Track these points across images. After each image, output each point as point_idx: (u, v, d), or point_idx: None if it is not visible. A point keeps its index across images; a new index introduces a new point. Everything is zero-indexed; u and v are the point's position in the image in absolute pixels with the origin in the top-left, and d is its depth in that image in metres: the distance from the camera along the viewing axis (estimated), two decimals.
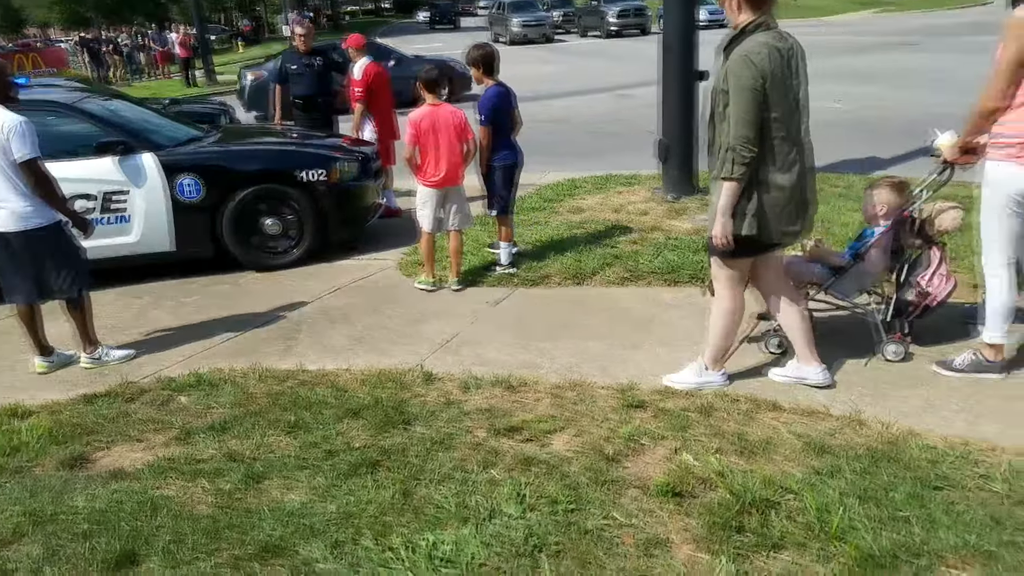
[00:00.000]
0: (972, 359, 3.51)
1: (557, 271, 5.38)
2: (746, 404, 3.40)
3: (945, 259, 3.67)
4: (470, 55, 5.30)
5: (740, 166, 3.04)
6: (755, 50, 3.00)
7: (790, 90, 3.08)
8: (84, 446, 3.51)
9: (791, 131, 3.10)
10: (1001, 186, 3.22)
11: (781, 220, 3.17)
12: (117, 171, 5.77)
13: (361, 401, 3.68)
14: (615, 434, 3.22)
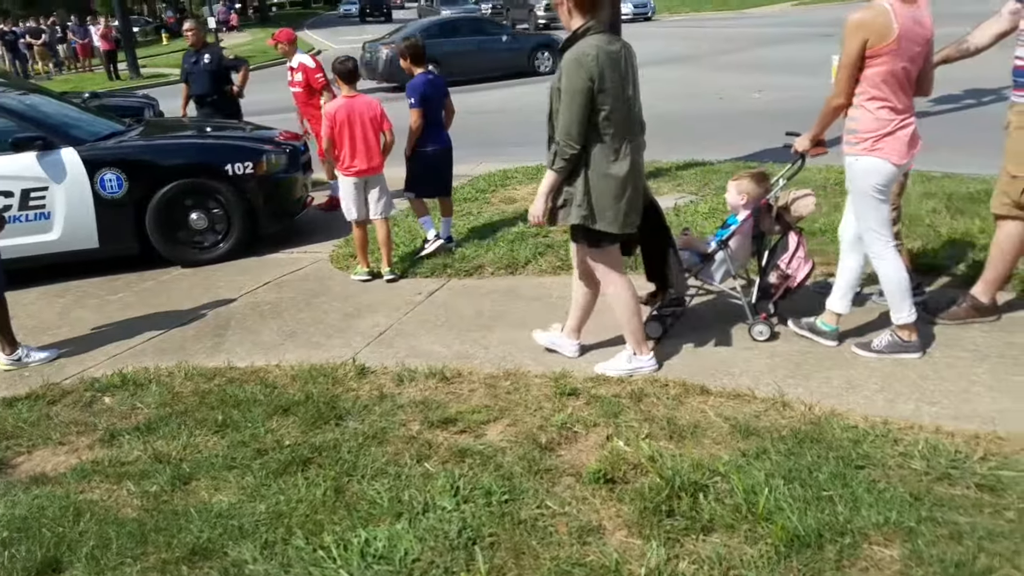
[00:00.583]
0: (890, 340, 3.64)
1: (490, 261, 5.40)
2: (676, 389, 3.47)
3: (803, 243, 3.87)
4: (398, 47, 5.54)
5: (562, 160, 3.28)
6: (586, 52, 3.20)
7: (622, 90, 3.29)
8: (4, 451, 3.39)
9: (622, 128, 3.32)
10: (863, 178, 3.42)
11: (619, 209, 3.37)
12: (36, 167, 5.55)
13: (292, 398, 3.63)
14: (549, 422, 3.24)
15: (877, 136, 3.35)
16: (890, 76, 3.28)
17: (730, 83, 13.75)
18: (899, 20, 3.21)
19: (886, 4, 3.22)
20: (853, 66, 3.30)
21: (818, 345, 3.79)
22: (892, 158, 3.36)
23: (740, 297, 3.98)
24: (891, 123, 3.34)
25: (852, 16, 3.28)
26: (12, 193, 5.52)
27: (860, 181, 3.44)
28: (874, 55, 3.24)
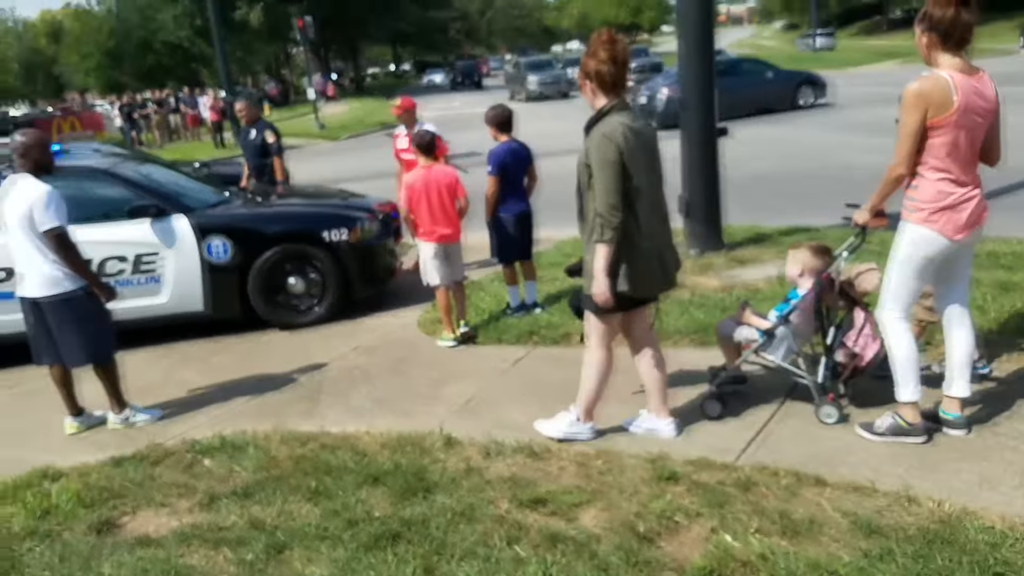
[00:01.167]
0: (891, 423, 3.48)
1: (578, 329, 5.31)
2: (787, 478, 3.25)
3: (870, 320, 3.72)
4: (487, 115, 5.70)
5: (610, 230, 3.37)
6: (612, 129, 3.38)
7: (647, 164, 3.46)
8: (111, 510, 3.53)
9: (650, 199, 3.48)
10: (917, 247, 3.35)
11: (650, 277, 3.53)
12: (150, 233, 5.91)
13: (382, 466, 3.66)
14: (647, 509, 3.10)
15: (935, 208, 3.26)
16: (951, 148, 3.20)
17: (834, 144, 13.40)
18: (960, 92, 3.13)
19: (946, 75, 3.15)
20: (914, 137, 3.21)
21: (945, 433, 3.52)
22: (947, 232, 3.27)
23: (805, 376, 3.80)
24: (951, 196, 3.25)
25: (911, 86, 3.21)
26: (126, 258, 5.88)
27: (907, 248, 3.37)
28: (934, 126, 3.18)
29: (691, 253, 6.94)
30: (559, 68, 37.08)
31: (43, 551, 3.20)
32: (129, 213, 5.92)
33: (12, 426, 4.87)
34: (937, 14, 3.13)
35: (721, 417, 3.86)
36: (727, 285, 5.94)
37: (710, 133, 6.92)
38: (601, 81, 3.44)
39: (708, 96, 6.89)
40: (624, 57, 3.47)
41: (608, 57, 3.42)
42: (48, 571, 3.02)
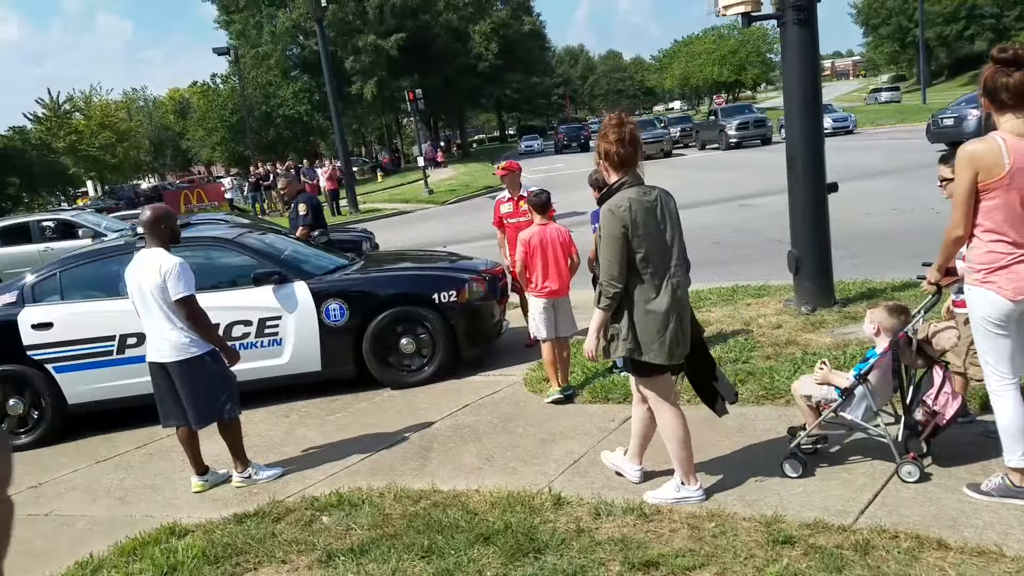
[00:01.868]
0: (999, 483, 3.40)
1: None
2: (907, 542, 3.12)
3: (949, 378, 3.72)
4: (592, 177, 5.72)
5: (606, 299, 3.62)
6: (619, 204, 3.60)
7: (657, 234, 3.64)
8: (234, 567, 3.69)
9: (661, 267, 3.64)
10: (981, 309, 3.33)
11: (664, 341, 3.62)
12: (272, 299, 6.28)
13: (492, 525, 3.68)
14: (762, 574, 3.02)
15: (990, 269, 3.27)
16: (1004, 209, 3.20)
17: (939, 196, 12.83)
18: (1012, 155, 3.14)
19: (999, 138, 3.19)
20: (967, 199, 3.24)
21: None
22: (1006, 293, 3.24)
23: (884, 435, 3.75)
24: (1006, 257, 3.24)
25: (963, 148, 3.27)
26: (251, 322, 6.26)
27: (975, 312, 3.37)
28: (986, 189, 3.20)
29: (802, 310, 6.74)
30: (660, 127, 37.19)
31: None
32: (254, 280, 6.32)
33: (141, 484, 5.19)
34: (989, 81, 3.20)
35: (803, 476, 3.83)
36: (840, 342, 5.71)
37: (820, 189, 6.78)
38: (611, 160, 3.70)
39: (817, 152, 6.78)
40: (632, 137, 3.69)
41: (616, 139, 3.66)
42: None
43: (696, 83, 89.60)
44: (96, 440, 6.19)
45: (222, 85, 49.77)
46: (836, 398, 3.81)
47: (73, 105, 49.76)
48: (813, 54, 6.80)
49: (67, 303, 6.29)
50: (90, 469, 5.59)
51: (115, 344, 6.14)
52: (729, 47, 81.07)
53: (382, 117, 56.69)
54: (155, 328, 4.66)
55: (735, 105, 45.26)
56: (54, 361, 6.14)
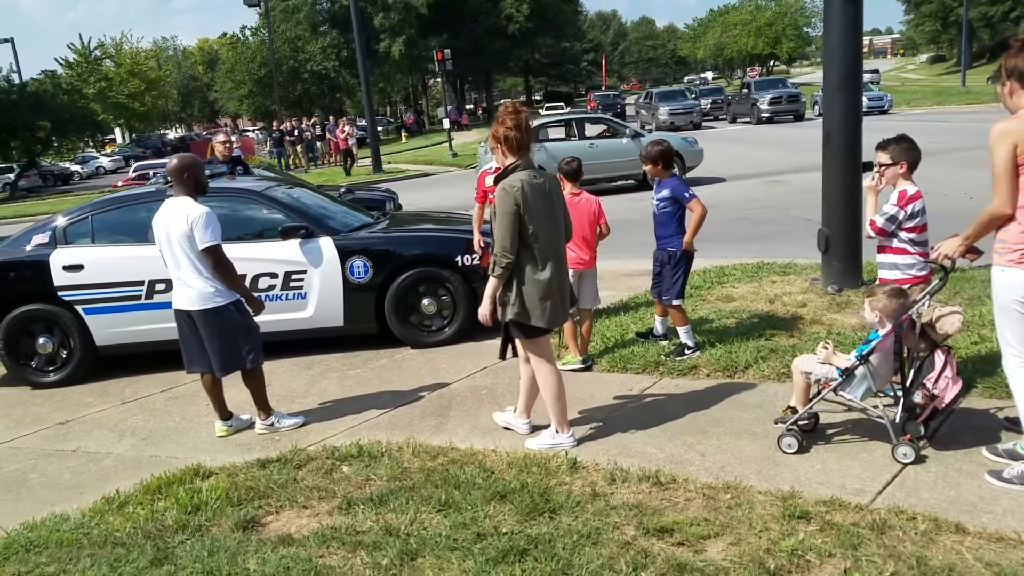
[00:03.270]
0: (1022, 470, 3.39)
1: (706, 362, 5.28)
2: (925, 524, 3.12)
3: (951, 362, 3.74)
4: (650, 152, 5.48)
5: (500, 268, 4.01)
6: (512, 184, 3.99)
7: (545, 212, 4.05)
8: (256, 509, 3.78)
9: (546, 242, 4.06)
10: (1007, 291, 3.31)
11: (546, 308, 4.09)
12: (299, 253, 6.32)
13: (508, 485, 3.74)
14: (777, 546, 3.03)
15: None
16: None
17: (975, 182, 12.60)
18: None
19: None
20: (1009, 174, 3.18)
21: None
22: None
23: (882, 416, 3.81)
24: None
25: (996, 125, 3.22)
26: (277, 275, 6.32)
27: (1003, 294, 3.34)
28: (1022, 164, 3.16)
29: (829, 290, 6.69)
30: (691, 98, 36.61)
31: (193, 544, 3.47)
32: (281, 234, 6.36)
33: (166, 427, 5.30)
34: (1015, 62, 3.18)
35: (799, 452, 3.89)
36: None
37: (854, 168, 6.67)
38: (508, 144, 4.07)
39: (854, 130, 6.67)
40: (526, 124, 4.09)
41: (513, 125, 4.06)
42: (198, 563, 3.25)
43: (730, 54, 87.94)
44: (122, 382, 6.32)
45: (251, 38, 49.57)
46: (836, 377, 3.85)
47: (103, 52, 49.92)
48: (856, 29, 6.66)
49: (98, 246, 6.39)
50: (116, 409, 5.72)
51: (144, 289, 6.24)
52: (766, 19, 79.35)
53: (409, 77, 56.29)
54: (181, 276, 4.71)
55: (769, 79, 44.46)
56: (84, 303, 6.26)
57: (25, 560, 3.46)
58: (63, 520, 3.85)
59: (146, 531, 3.63)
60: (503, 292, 4.10)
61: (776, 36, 79.32)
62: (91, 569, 3.26)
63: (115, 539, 3.58)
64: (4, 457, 5.02)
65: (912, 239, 4.20)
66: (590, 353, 5.69)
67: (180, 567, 3.24)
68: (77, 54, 48.39)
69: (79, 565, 3.31)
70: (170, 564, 3.29)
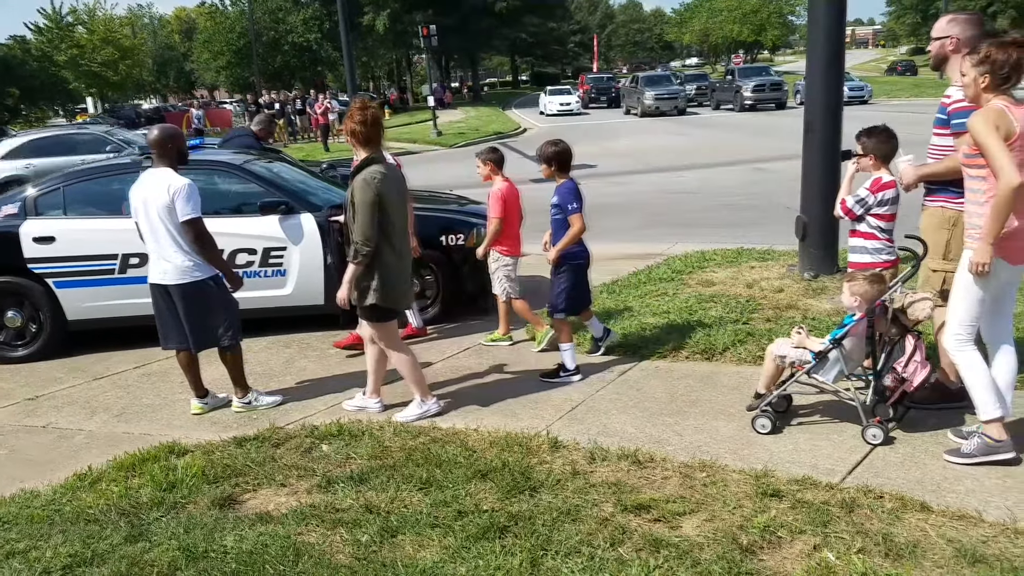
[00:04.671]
0: (979, 442, 3.54)
1: (686, 345, 5.32)
2: (891, 502, 3.21)
3: (920, 347, 3.85)
4: (544, 151, 5.08)
5: (361, 256, 4.25)
6: (372, 176, 4.24)
7: (399, 203, 4.37)
8: (233, 487, 3.76)
9: (399, 231, 4.37)
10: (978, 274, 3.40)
11: (397, 291, 4.41)
12: (278, 229, 6.23)
13: (489, 463, 3.75)
14: (750, 523, 3.10)
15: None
16: None
17: None
18: (1018, 120, 3.25)
19: (1002, 105, 3.28)
20: (1005, 149, 3.21)
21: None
22: (1010, 258, 3.39)
23: (853, 399, 3.92)
24: (1014, 224, 3.33)
25: (976, 114, 3.32)
26: (256, 251, 6.23)
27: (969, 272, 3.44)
28: None
29: (805, 276, 6.75)
30: (677, 83, 36.59)
31: (168, 521, 3.43)
32: (260, 209, 6.26)
33: (140, 403, 5.23)
34: (1001, 57, 3.26)
35: (772, 433, 3.98)
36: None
37: (834, 156, 6.71)
38: (358, 138, 4.32)
39: (835, 118, 6.70)
40: (374, 119, 4.35)
41: (361, 120, 4.30)
42: (174, 540, 3.22)
43: (715, 40, 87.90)
44: (93, 358, 6.23)
45: (231, 7, 48.67)
46: (810, 360, 3.95)
47: (76, 18, 48.63)
48: (840, 18, 6.68)
49: (70, 219, 6.24)
50: (88, 385, 5.64)
51: (117, 263, 6.12)
52: (751, 5, 79.31)
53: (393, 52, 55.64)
54: (159, 249, 4.64)
55: (753, 66, 44.55)
56: (55, 276, 6.12)
57: None
58: (33, 496, 3.80)
59: (120, 508, 3.59)
60: (363, 278, 4.31)
61: (761, 23, 79.37)
62: (63, 545, 3.22)
63: (88, 516, 3.54)
64: None
65: (880, 226, 4.27)
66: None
67: (155, 544, 3.21)
68: (48, 19, 47.15)
69: (51, 541, 3.27)
70: (145, 541, 3.25)
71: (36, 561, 3.11)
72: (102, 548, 3.20)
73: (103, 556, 3.13)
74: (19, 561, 3.12)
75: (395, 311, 4.53)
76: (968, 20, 3.85)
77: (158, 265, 4.68)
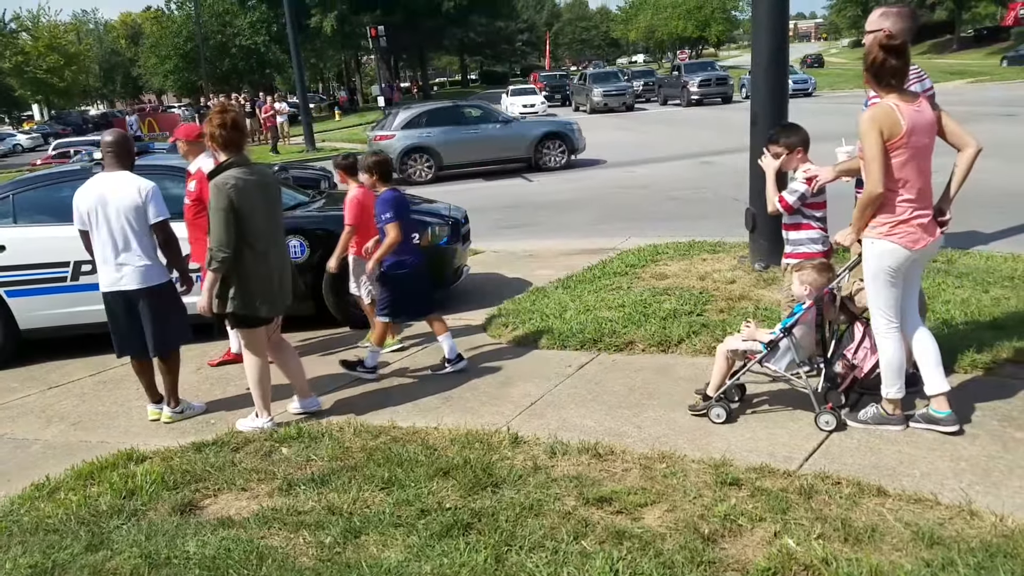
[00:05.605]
0: (874, 412, 3.86)
1: (641, 338, 5.41)
2: (849, 488, 3.28)
3: (869, 334, 3.95)
4: (365, 162, 5.32)
5: (217, 262, 4.16)
6: (225, 181, 4.15)
7: (262, 209, 4.26)
8: (194, 492, 3.72)
9: (264, 236, 4.27)
10: (882, 260, 3.64)
11: (265, 300, 4.32)
12: None
13: (451, 461, 3.77)
14: (710, 512, 3.16)
15: (895, 222, 3.59)
16: (906, 168, 3.52)
17: None
18: (905, 116, 3.47)
19: (891, 103, 3.50)
20: (881, 157, 3.49)
21: (1009, 451, 3.55)
22: (907, 243, 3.59)
23: (805, 386, 4.02)
24: (908, 211, 3.57)
25: (865, 114, 3.57)
26: None
27: (873, 263, 3.67)
28: (890, 148, 3.49)
29: (755, 267, 6.91)
30: (624, 80, 37.00)
31: (129, 529, 3.40)
32: None
33: (96, 411, 5.15)
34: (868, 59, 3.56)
35: (728, 422, 4.08)
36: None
37: None
38: (217, 141, 4.27)
39: (780, 111, 6.87)
40: (234, 122, 4.28)
41: (220, 123, 4.24)
42: (135, 547, 3.19)
43: (661, 37, 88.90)
44: (48, 366, 6.10)
45: (177, 12, 47.69)
46: (761, 350, 4.05)
47: (20, 24, 47.21)
48: (783, 12, 6.85)
49: (20, 227, 6.12)
50: (43, 395, 5.53)
51: (69, 271, 6.01)
52: (695, 2, 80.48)
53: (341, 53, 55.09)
54: (123, 255, 4.54)
55: (698, 62, 45.19)
56: (6, 285, 6.01)
57: None
58: None
59: (79, 517, 3.54)
60: (222, 287, 4.24)
61: (705, 19, 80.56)
62: (23, 556, 3.16)
63: (47, 526, 3.48)
64: None
65: (815, 215, 4.40)
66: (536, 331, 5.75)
67: (116, 552, 3.18)
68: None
69: (10, 553, 3.21)
70: (106, 549, 3.22)
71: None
72: (63, 558, 3.15)
73: (64, 566, 3.09)
74: None
75: (260, 318, 4.38)
76: (899, 13, 4.00)
77: (115, 271, 4.57)
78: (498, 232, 10.03)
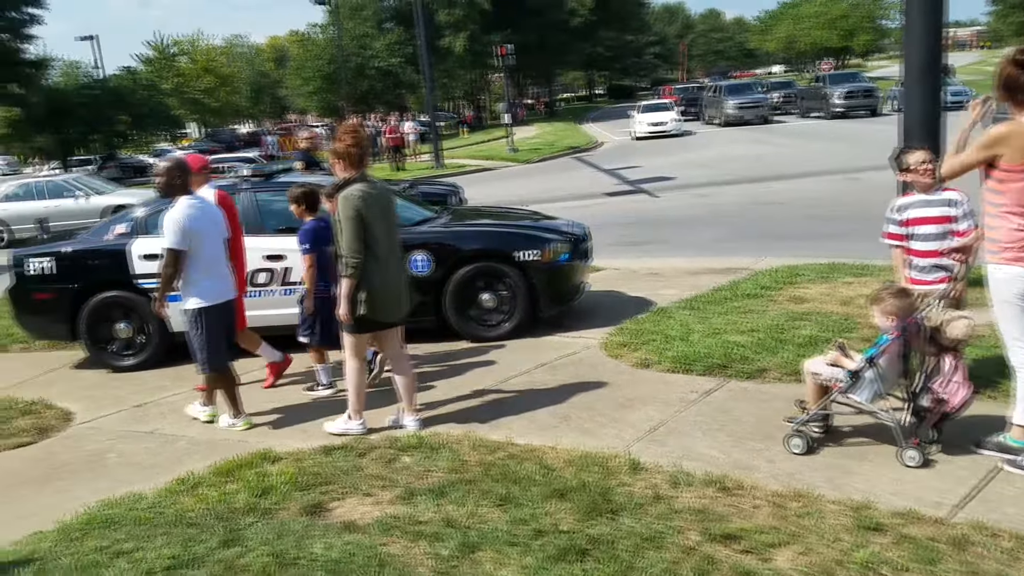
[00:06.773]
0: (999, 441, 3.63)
1: (775, 365, 5.15)
2: (1009, 541, 2.98)
3: (959, 366, 3.75)
4: (292, 193, 5.62)
5: (351, 268, 4.44)
6: (352, 192, 4.45)
7: (382, 220, 4.54)
8: (322, 495, 3.86)
9: (385, 246, 4.55)
10: (1006, 286, 3.47)
11: (386, 306, 4.56)
12: None
13: (567, 483, 3.72)
14: (849, 558, 2.94)
15: (1020, 246, 3.41)
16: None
17: None
18: None
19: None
20: (974, 165, 3.44)
21: None
22: None
23: (890, 420, 3.80)
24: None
25: (995, 128, 3.41)
26: None
27: (1003, 289, 3.49)
28: (1012, 170, 3.34)
29: None
30: (760, 91, 35.71)
31: (262, 527, 3.56)
32: None
33: None
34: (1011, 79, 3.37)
35: (808, 454, 3.91)
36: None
37: None
38: (350, 160, 4.54)
39: (933, 126, 6.40)
40: (364, 141, 4.61)
41: (353, 142, 4.54)
42: (266, 546, 3.33)
43: (801, 47, 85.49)
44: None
45: (320, 35, 50.51)
46: (844, 379, 3.83)
47: (179, 48, 51.62)
48: (937, 19, 6.39)
49: None
50: (190, 393, 5.88)
51: None
52: (839, 11, 76.87)
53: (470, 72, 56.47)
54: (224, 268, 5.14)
55: (843, 72, 43.04)
56: None
57: (104, 536, 3.60)
58: (139, 499, 4.01)
59: (217, 512, 3.74)
60: (355, 291, 4.44)
61: (850, 29, 76.74)
62: (166, 547, 3.37)
63: (187, 519, 3.70)
64: (85, 437, 5.25)
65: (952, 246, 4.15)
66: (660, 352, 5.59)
67: (249, 548, 3.33)
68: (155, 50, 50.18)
69: (155, 543, 3.43)
70: (239, 546, 3.38)
71: (140, 562, 3.26)
72: (200, 551, 3.34)
73: (201, 559, 3.27)
74: (125, 561, 3.29)
75: (377, 324, 4.60)
76: None
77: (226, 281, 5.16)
78: (621, 249, 9.88)
